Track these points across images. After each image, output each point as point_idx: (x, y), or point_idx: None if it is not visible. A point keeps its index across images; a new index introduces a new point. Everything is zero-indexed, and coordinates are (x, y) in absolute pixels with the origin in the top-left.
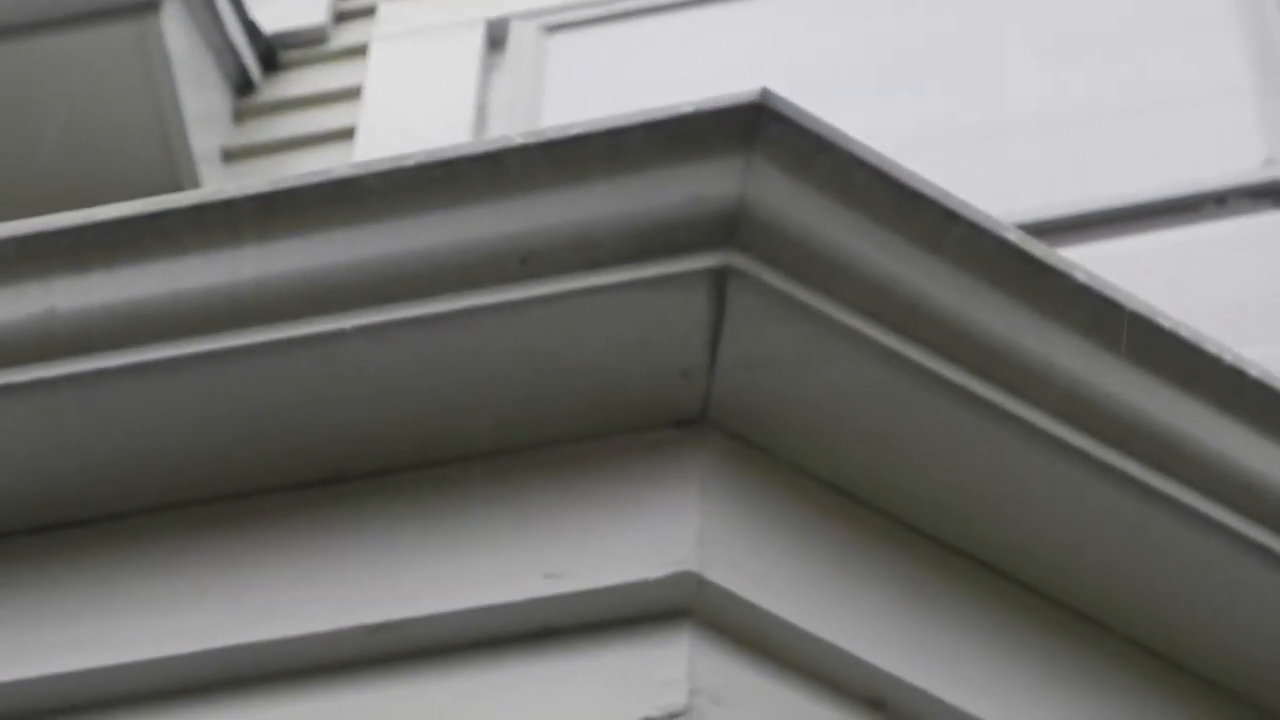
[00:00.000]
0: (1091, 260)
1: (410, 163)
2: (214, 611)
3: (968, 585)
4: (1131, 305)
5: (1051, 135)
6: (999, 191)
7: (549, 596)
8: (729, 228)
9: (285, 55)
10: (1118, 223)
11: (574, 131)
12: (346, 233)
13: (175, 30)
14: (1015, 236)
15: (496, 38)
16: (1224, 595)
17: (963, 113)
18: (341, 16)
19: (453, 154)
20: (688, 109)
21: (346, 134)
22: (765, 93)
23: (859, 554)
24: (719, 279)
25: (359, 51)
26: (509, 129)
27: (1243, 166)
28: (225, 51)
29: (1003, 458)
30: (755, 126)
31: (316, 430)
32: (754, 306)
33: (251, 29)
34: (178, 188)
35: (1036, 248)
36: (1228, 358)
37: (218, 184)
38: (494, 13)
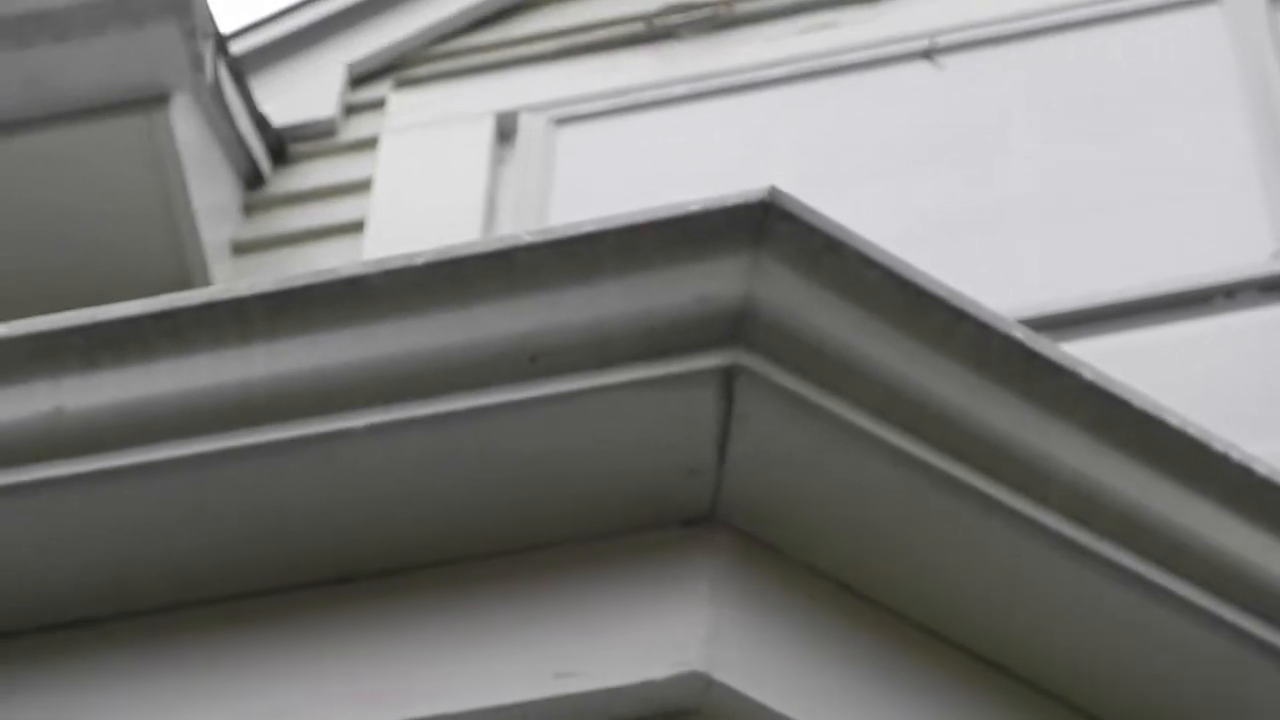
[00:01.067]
0: (1100, 354)
1: (419, 261)
2: (223, 713)
3: (977, 685)
4: (1138, 403)
5: (1059, 225)
6: (1006, 283)
7: (559, 696)
8: (737, 326)
9: (295, 148)
10: (1126, 316)
11: (584, 230)
12: (355, 331)
13: (185, 123)
14: (1022, 334)
15: (506, 130)
16: (1233, 693)
17: (969, 201)
18: (351, 109)
19: (462, 252)
20: (696, 207)
21: (357, 227)
22: (773, 191)
23: (868, 653)
24: (727, 378)
25: (369, 144)
26: (519, 222)
27: (1252, 258)
28: (235, 144)
29: (1010, 555)
30: (763, 225)
31: (326, 529)
32: (762, 405)
33: (261, 121)
34: (188, 282)
35: (1043, 345)
36: (1235, 455)
37: (228, 277)
38: (503, 105)
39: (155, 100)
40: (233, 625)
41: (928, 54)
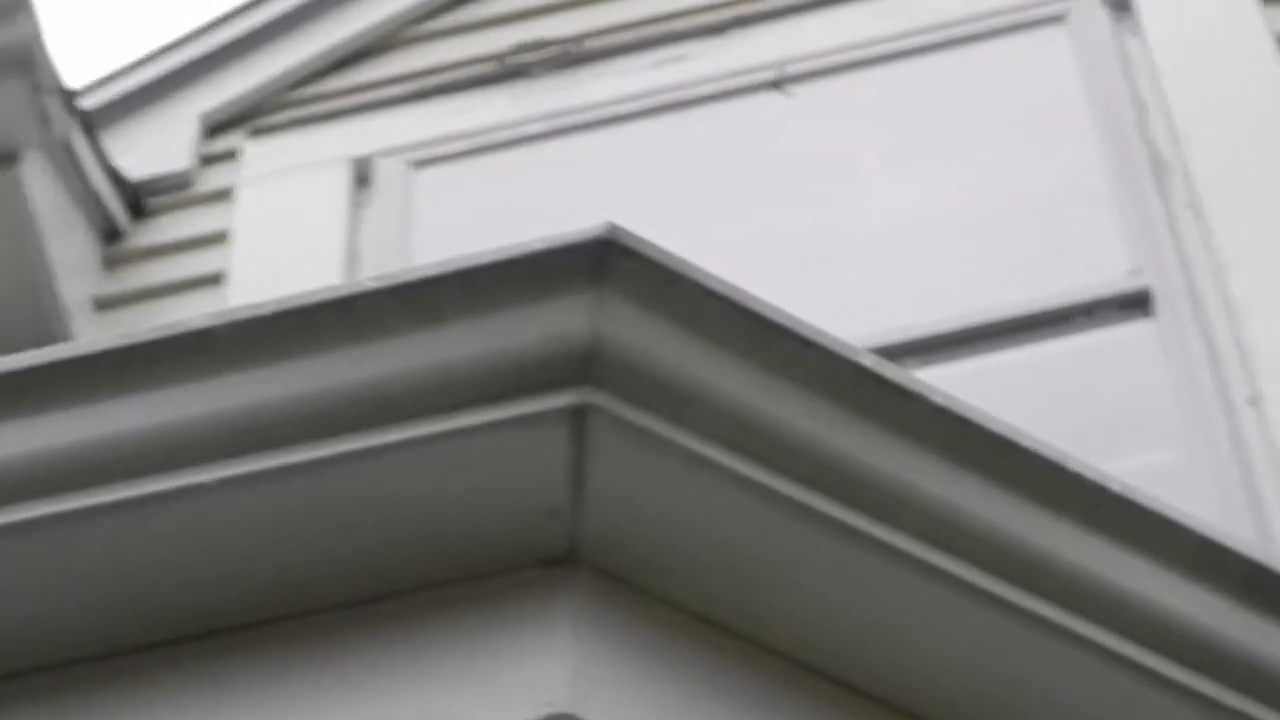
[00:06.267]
0: (961, 378)
1: (264, 311)
2: None
3: (842, 711)
4: (990, 425)
5: (914, 251)
6: (861, 310)
7: None
8: (585, 364)
9: (152, 201)
10: (986, 339)
11: (426, 274)
12: (204, 384)
13: (36, 181)
14: (870, 361)
15: (363, 175)
16: (1097, 709)
17: (822, 229)
18: (206, 159)
19: (306, 301)
20: (538, 246)
21: (218, 278)
22: (612, 227)
23: (730, 685)
24: (578, 416)
25: (225, 194)
26: (380, 267)
27: (1108, 276)
28: (90, 200)
29: (867, 581)
30: (604, 261)
31: (182, 585)
32: (614, 442)
33: (116, 176)
34: (50, 340)
35: (892, 371)
36: (1089, 474)
37: (90, 334)
38: (359, 150)
39: (4, 159)
40: (88, 687)
41: (777, 84)
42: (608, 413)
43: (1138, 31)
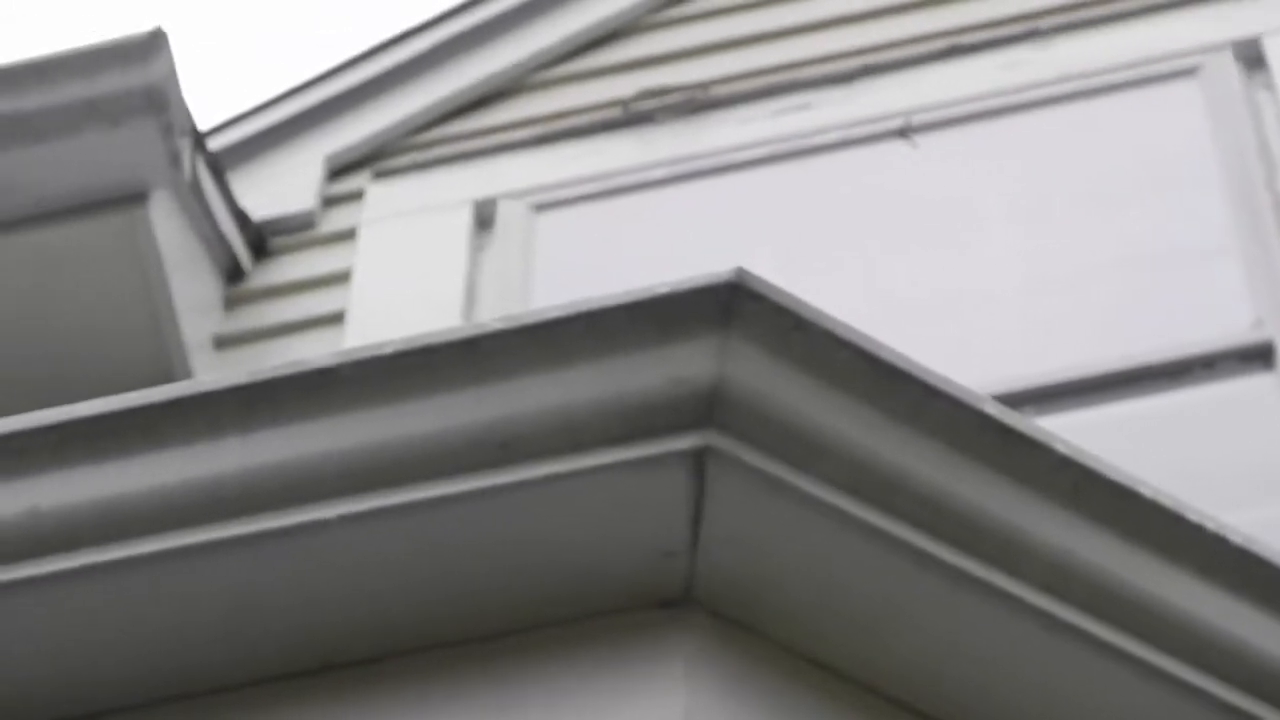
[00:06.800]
0: (1079, 428)
1: (387, 351)
2: None
3: None
4: (1112, 475)
5: (1036, 300)
6: (982, 359)
7: None
8: (708, 408)
9: (275, 241)
10: (1106, 389)
11: (551, 315)
12: (326, 422)
13: (164, 221)
14: (995, 410)
15: (485, 218)
16: None
17: (945, 278)
18: (330, 201)
19: (430, 341)
20: (664, 290)
21: (337, 318)
22: (740, 272)
23: None
24: (699, 459)
25: (348, 235)
26: (500, 309)
27: (1231, 329)
28: (215, 239)
29: (985, 630)
30: (731, 306)
31: (302, 621)
32: (734, 486)
33: (241, 216)
34: (171, 378)
35: (1016, 420)
36: (1210, 525)
37: (210, 372)
38: (481, 193)
39: (134, 199)
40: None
41: (903, 132)
42: (729, 456)
43: (1269, 86)
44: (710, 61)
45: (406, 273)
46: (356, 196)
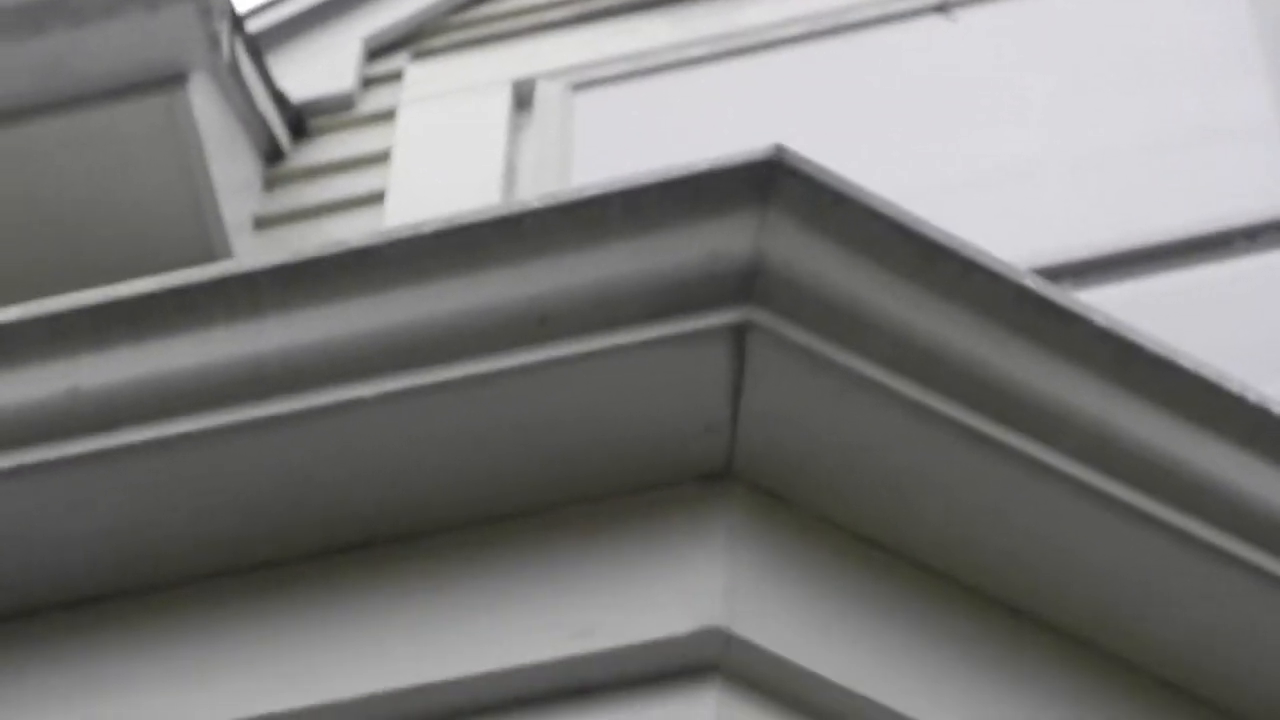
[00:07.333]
0: (1120, 300)
1: (427, 229)
2: (248, 678)
3: (997, 631)
4: (1151, 347)
5: (1075, 175)
6: (1021, 234)
7: (579, 655)
8: (747, 283)
9: (314, 122)
10: (1146, 262)
11: (590, 193)
12: (366, 301)
13: (203, 102)
14: (1033, 282)
15: (523, 97)
16: (1253, 633)
17: (983, 154)
18: (369, 81)
19: (470, 219)
20: (703, 167)
21: (377, 198)
22: (779, 148)
23: (887, 603)
24: (739, 334)
25: (387, 116)
26: (538, 188)
27: (1273, 201)
28: (254, 121)
29: (1025, 501)
30: (770, 182)
31: (345, 497)
32: (774, 360)
33: (279, 97)
34: (211, 258)
35: (1054, 293)
36: (1251, 396)
37: (250, 252)
38: (520, 73)
39: (173, 80)
40: (254, 594)
41: (942, 7)
42: (769, 331)
43: None
44: None
45: (445, 153)
46: (395, 77)
